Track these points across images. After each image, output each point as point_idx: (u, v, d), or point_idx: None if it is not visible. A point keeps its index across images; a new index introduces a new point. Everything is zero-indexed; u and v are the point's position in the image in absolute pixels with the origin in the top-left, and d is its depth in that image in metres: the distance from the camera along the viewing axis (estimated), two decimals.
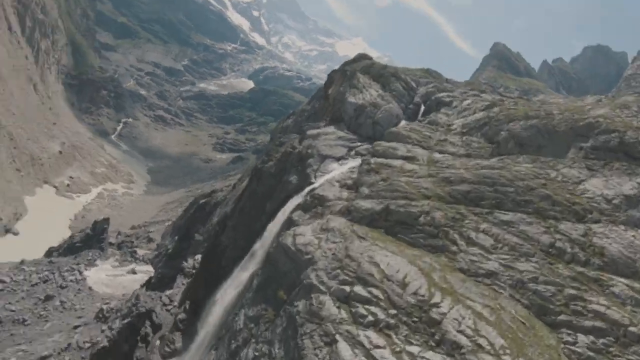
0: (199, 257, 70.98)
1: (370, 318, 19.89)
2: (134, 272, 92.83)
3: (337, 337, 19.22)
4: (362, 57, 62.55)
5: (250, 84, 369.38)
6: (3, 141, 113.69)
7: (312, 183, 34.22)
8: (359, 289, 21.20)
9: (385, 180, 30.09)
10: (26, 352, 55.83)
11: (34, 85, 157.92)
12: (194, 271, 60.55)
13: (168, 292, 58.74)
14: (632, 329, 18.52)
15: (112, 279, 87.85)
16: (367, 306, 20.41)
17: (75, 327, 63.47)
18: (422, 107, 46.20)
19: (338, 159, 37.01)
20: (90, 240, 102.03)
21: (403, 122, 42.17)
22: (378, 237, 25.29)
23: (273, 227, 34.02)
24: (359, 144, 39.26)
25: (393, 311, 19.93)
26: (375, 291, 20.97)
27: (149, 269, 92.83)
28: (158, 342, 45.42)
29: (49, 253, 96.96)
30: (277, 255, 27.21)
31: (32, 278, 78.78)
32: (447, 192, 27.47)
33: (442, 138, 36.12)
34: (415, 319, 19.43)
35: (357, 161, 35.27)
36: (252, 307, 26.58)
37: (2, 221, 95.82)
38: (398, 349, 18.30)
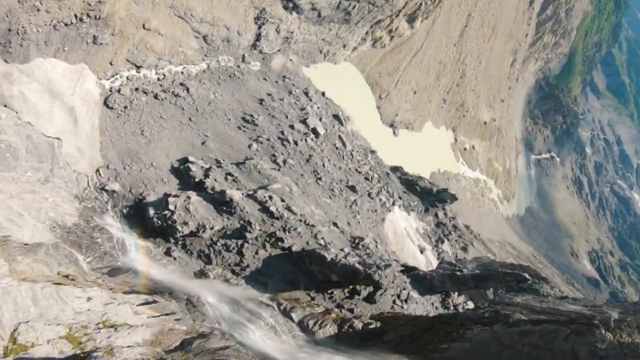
0: (470, 304, 60.50)
1: None
2: (421, 250, 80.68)
3: None
4: None
5: None
6: (454, 73, 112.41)
7: None
8: None
9: None
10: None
11: (513, 60, 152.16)
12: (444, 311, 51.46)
13: (416, 295, 51.55)
14: None
15: (402, 232, 77.95)
16: None
17: (334, 224, 58.38)
18: None
19: None
20: (427, 195, 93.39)
21: None
22: None
23: None
24: None
25: None
26: None
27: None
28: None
29: (395, 169, 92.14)
30: None
31: (362, 167, 76.64)
32: None
33: None
34: None
35: None
36: None
37: (397, 117, 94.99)
38: None
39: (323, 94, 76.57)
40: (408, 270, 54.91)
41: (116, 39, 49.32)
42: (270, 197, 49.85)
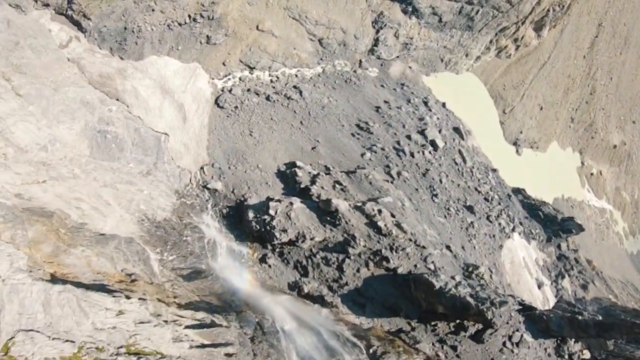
0: (586, 354, 48.13)
1: None
2: (539, 284, 65.99)
3: None
4: None
5: None
6: (583, 89, 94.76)
7: None
8: None
9: None
10: None
11: None
12: None
13: (529, 338, 41.45)
14: None
15: (520, 263, 63.92)
16: None
17: (447, 247, 48.32)
18: None
19: None
20: (550, 223, 77.38)
21: None
22: None
23: None
24: None
25: None
26: None
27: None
28: None
29: (517, 191, 77.86)
30: None
31: (482, 186, 64.24)
32: None
33: None
34: None
35: None
36: None
37: (521, 134, 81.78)
38: None
39: (443, 104, 65.64)
40: (525, 309, 43.02)
41: (229, 40, 44.08)
42: (380, 211, 40.85)
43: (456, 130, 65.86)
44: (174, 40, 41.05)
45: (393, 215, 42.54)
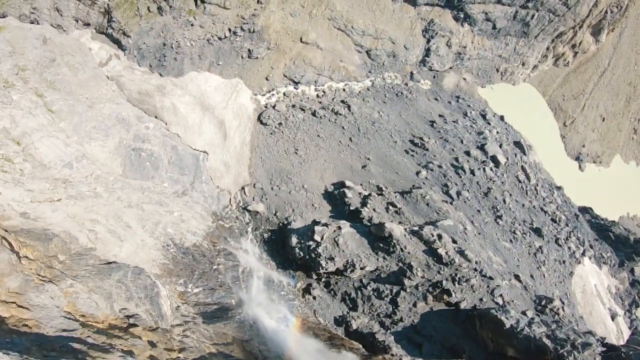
0: None
1: None
2: (613, 315, 55.44)
3: None
4: None
5: None
6: (638, 97, 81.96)
7: None
8: None
9: None
10: None
11: None
12: None
13: None
14: None
15: (592, 291, 53.86)
16: None
17: (515, 277, 41.09)
18: None
19: None
20: (622, 245, 67.57)
21: None
22: None
23: None
24: None
25: None
26: None
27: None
28: None
29: (584, 210, 67.42)
30: None
31: (548, 206, 55.51)
32: None
33: None
34: None
35: None
36: None
37: (584, 148, 72.24)
38: None
39: (501, 117, 57.59)
40: (608, 349, 33.92)
41: (272, 53, 39.33)
42: (440, 237, 33.89)
43: (517, 144, 57.50)
44: (214, 55, 36.79)
45: (454, 241, 35.50)
